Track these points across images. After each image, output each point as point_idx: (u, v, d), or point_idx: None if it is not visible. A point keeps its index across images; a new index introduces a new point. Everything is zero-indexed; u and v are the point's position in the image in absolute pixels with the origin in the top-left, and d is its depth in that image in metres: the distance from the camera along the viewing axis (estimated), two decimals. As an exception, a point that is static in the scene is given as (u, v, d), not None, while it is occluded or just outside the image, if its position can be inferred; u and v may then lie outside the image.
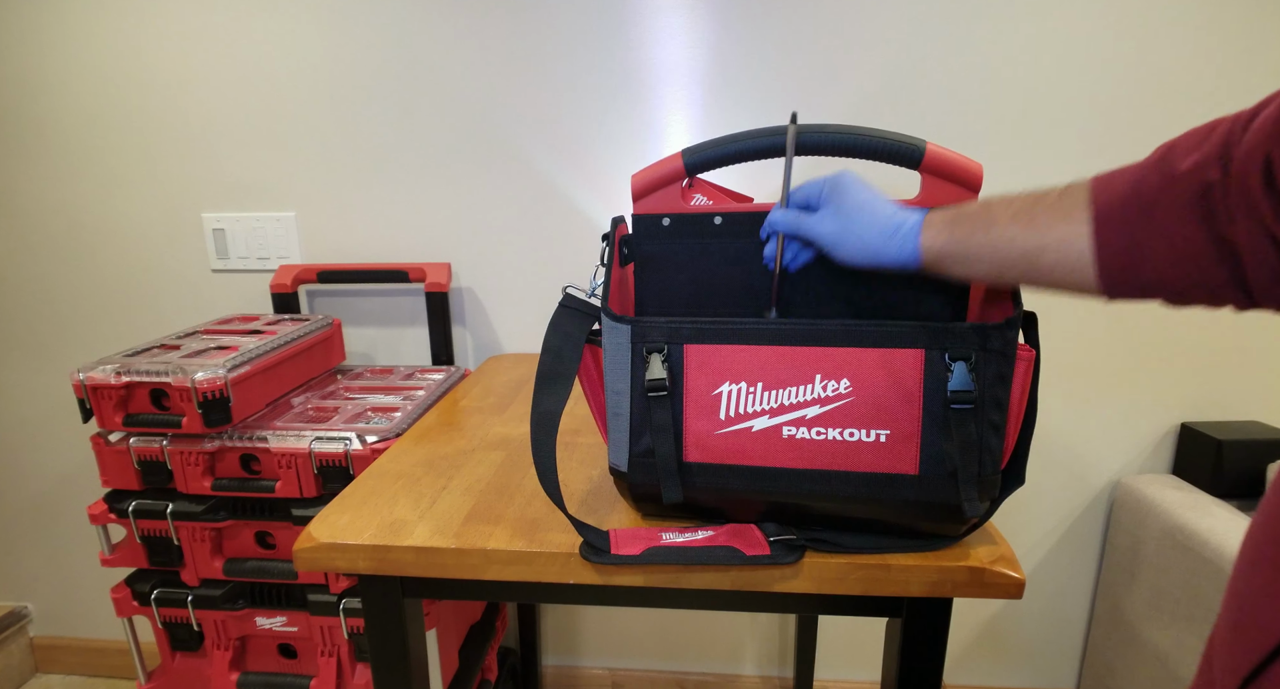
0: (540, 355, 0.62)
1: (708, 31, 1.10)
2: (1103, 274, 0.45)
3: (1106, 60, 1.05)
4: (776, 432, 0.58)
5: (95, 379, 0.89)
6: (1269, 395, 1.17)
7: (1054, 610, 1.32)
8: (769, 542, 0.60)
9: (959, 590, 0.59)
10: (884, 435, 0.56)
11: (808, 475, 0.58)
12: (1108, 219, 0.45)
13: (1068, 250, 0.46)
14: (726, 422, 0.58)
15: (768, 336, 0.57)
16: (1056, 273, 0.47)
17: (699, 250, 0.65)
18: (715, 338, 0.58)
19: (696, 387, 0.59)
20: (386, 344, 1.30)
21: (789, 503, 0.60)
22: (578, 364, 0.62)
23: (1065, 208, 0.47)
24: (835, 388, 0.56)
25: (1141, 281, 0.44)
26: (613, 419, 0.62)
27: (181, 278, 1.28)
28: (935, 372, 0.55)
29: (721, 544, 0.60)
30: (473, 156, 1.18)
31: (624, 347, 0.60)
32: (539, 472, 0.60)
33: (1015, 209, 0.49)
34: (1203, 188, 0.40)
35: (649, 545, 0.60)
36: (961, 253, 0.52)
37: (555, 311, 0.63)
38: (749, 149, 0.61)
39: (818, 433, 0.57)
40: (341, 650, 1.00)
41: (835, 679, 1.40)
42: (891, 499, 0.57)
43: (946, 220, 0.53)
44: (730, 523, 0.64)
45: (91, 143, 1.23)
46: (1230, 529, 0.99)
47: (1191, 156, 0.41)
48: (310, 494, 0.93)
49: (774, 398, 0.57)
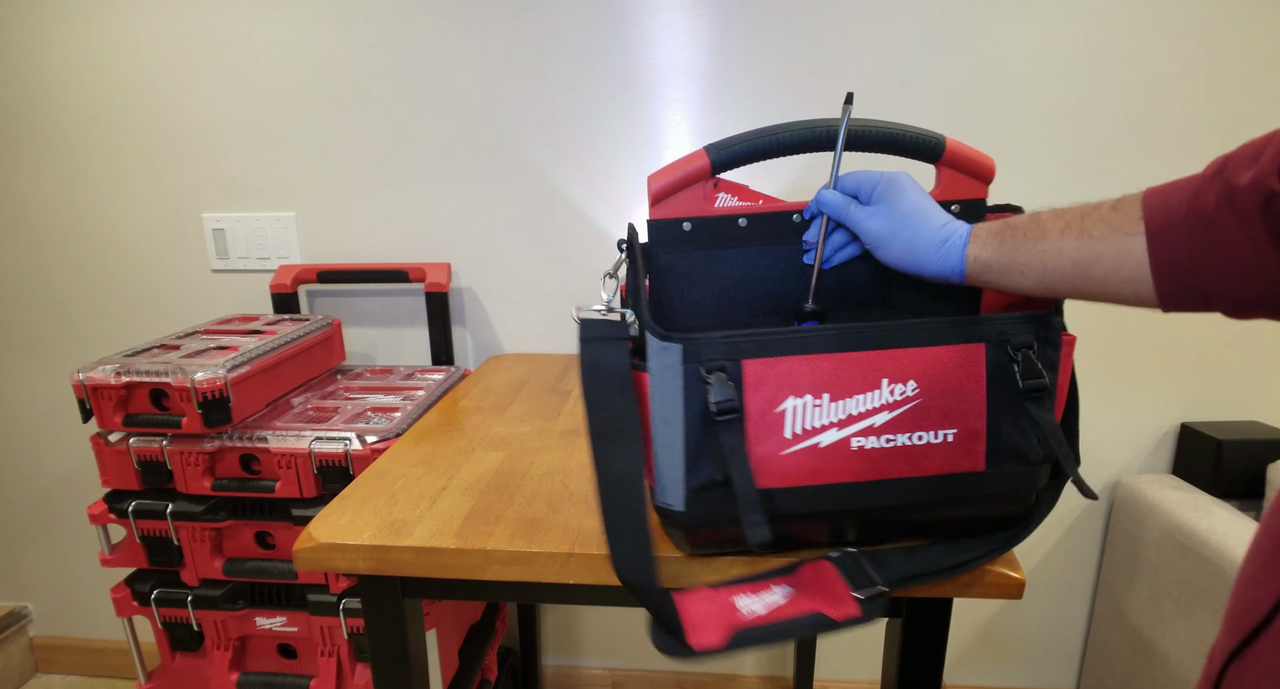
0: (586, 412, 0.54)
1: (707, 32, 1.10)
2: (1160, 286, 0.45)
3: (1107, 60, 1.05)
4: (845, 444, 0.54)
5: (95, 379, 0.89)
6: (1269, 395, 1.17)
7: (1054, 610, 1.32)
8: (859, 601, 0.54)
9: (959, 590, 0.59)
10: (951, 435, 0.54)
11: (878, 487, 0.55)
12: (1165, 231, 0.44)
13: (1123, 262, 0.46)
14: (792, 440, 0.53)
15: (832, 343, 0.53)
16: (1111, 285, 0.47)
17: (724, 256, 0.61)
18: (776, 350, 0.53)
19: (757, 405, 0.53)
20: (386, 344, 1.30)
21: (855, 518, 0.57)
22: (637, 409, 0.54)
23: (1119, 220, 0.46)
24: (903, 391, 0.53)
25: (1202, 294, 0.44)
26: (661, 452, 0.54)
27: (181, 278, 1.28)
28: (997, 364, 0.54)
29: (805, 608, 0.54)
30: (473, 156, 1.18)
31: (674, 368, 0.53)
32: (615, 555, 0.52)
33: (1066, 221, 0.49)
34: (1265, 199, 0.40)
35: (730, 626, 0.53)
36: (1009, 265, 0.52)
37: (581, 353, 0.55)
38: (784, 143, 0.58)
39: (887, 440, 0.54)
40: (341, 650, 1.00)
41: (835, 679, 1.40)
42: (961, 498, 0.55)
43: (993, 233, 0.53)
44: (799, 561, 0.58)
45: (92, 143, 1.23)
46: (1230, 529, 0.99)
47: (1250, 169, 0.41)
48: (310, 494, 0.93)
49: (841, 409, 0.53)
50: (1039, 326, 0.55)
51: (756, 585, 0.57)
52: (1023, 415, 0.54)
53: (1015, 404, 0.54)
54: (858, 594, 0.54)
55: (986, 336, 0.54)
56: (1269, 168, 0.40)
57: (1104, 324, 1.16)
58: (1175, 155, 1.08)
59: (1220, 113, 1.06)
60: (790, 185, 1.14)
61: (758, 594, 0.56)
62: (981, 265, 0.53)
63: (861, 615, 0.53)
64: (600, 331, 0.55)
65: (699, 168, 0.59)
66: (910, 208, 0.56)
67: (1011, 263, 0.51)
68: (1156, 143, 1.08)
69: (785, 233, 0.62)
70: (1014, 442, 0.55)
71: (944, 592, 0.59)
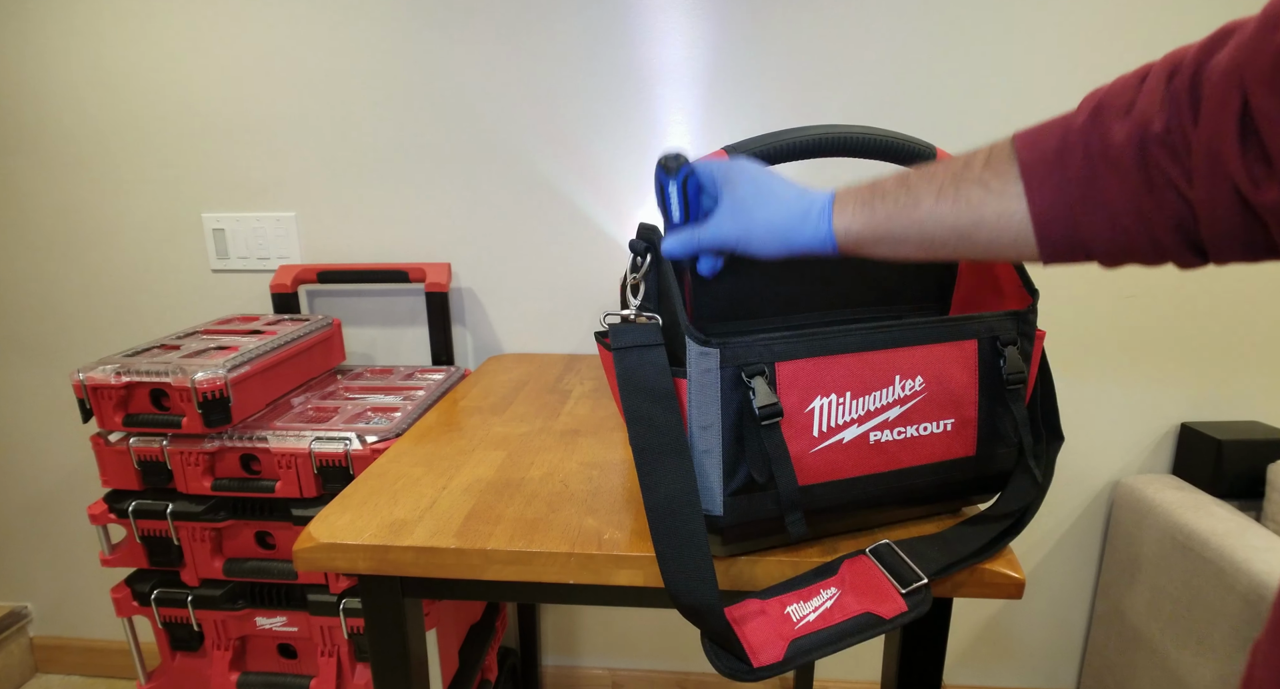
0: (628, 424, 0.53)
1: (707, 31, 1.10)
2: (1042, 245, 0.44)
3: (1106, 63, 1.05)
4: (864, 439, 0.57)
5: (95, 379, 0.89)
6: (1269, 395, 1.17)
7: (1054, 610, 1.32)
8: (903, 595, 0.54)
9: (959, 590, 0.59)
10: (949, 424, 0.59)
11: (890, 476, 0.59)
12: (1042, 189, 0.42)
13: (1004, 226, 0.44)
14: (820, 438, 0.56)
15: (855, 344, 0.56)
16: (994, 247, 0.46)
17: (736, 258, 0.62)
18: (808, 350, 0.55)
19: (789, 405, 0.55)
20: (386, 344, 1.30)
21: (870, 506, 0.60)
22: (680, 421, 0.53)
23: (996, 181, 0.44)
24: (912, 386, 0.57)
25: (1083, 247, 0.43)
26: (700, 458, 0.55)
27: (181, 278, 1.28)
28: (986, 358, 0.59)
29: (854, 609, 0.54)
30: (473, 156, 1.18)
31: (712, 372, 0.53)
32: (671, 580, 0.50)
33: (939, 184, 0.46)
34: (1141, 150, 0.38)
35: (786, 639, 0.53)
36: (884, 234, 0.49)
37: (617, 365, 0.53)
38: (800, 146, 0.58)
39: (898, 432, 0.58)
40: (341, 650, 1.00)
41: (835, 679, 1.40)
42: (952, 482, 0.61)
43: (861, 200, 0.49)
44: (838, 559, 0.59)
45: (92, 143, 1.23)
46: (1230, 529, 0.99)
47: (1124, 121, 0.39)
48: (310, 494, 0.93)
49: (861, 405, 0.56)
50: (1020, 323, 0.61)
51: (805, 592, 0.56)
52: (1005, 405, 0.60)
53: (1000, 394, 0.60)
54: (902, 589, 0.55)
55: (978, 334, 0.59)
56: (1150, 111, 0.38)
57: (1104, 324, 1.16)
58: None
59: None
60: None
61: (808, 600, 0.56)
62: (854, 238, 0.50)
63: (908, 610, 0.53)
64: (635, 339, 0.54)
65: None
66: (754, 190, 0.52)
67: (886, 233, 0.49)
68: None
69: None
70: (999, 427, 0.61)
71: (944, 591, 0.59)
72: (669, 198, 0.56)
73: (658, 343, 0.54)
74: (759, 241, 0.52)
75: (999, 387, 0.60)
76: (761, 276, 0.64)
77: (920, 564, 0.56)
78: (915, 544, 0.59)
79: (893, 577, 0.56)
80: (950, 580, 0.58)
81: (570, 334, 1.26)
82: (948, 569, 0.57)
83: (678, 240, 0.55)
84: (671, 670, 1.42)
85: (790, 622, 0.54)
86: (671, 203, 0.56)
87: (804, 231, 0.51)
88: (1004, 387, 0.60)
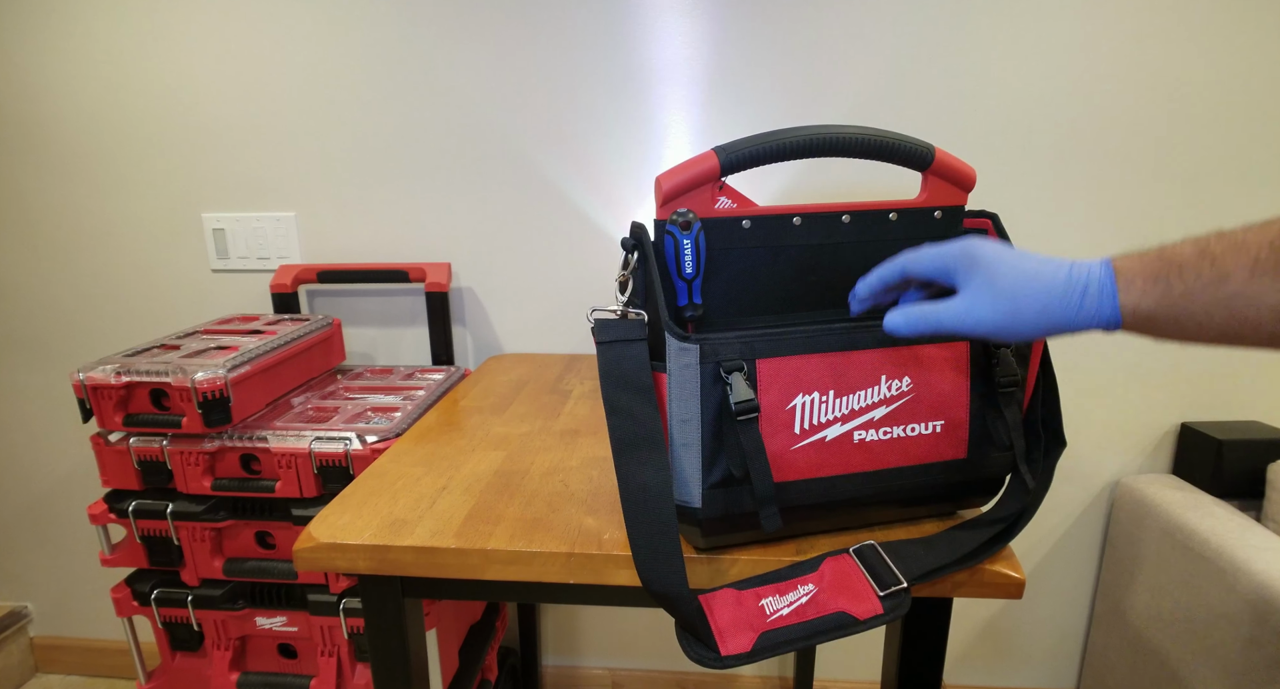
0: (608, 416, 0.54)
1: (708, 32, 1.10)
2: None
3: (1105, 65, 1.05)
4: (848, 438, 0.57)
5: (95, 379, 0.89)
6: (1269, 395, 1.17)
7: (1054, 610, 1.32)
8: (880, 597, 0.54)
9: (959, 590, 0.59)
10: (939, 426, 0.59)
11: (875, 476, 0.59)
12: None
13: None
14: (801, 435, 0.56)
15: (839, 343, 0.56)
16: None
17: (736, 255, 0.61)
18: (790, 349, 0.56)
19: (770, 402, 0.56)
20: (386, 344, 1.30)
21: (853, 506, 0.60)
22: (658, 415, 0.54)
23: None
24: (899, 386, 0.58)
25: None
26: (679, 450, 0.56)
27: (181, 278, 1.28)
28: (978, 360, 0.59)
29: (829, 607, 0.54)
30: (473, 156, 1.18)
31: (692, 368, 0.54)
32: (643, 567, 0.51)
33: (1252, 255, 0.40)
34: None
35: (757, 631, 0.53)
36: (1183, 315, 0.42)
37: (599, 356, 0.55)
38: (791, 147, 0.57)
39: (884, 432, 0.58)
40: (341, 650, 1.00)
41: (835, 679, 1.40)
42: (943, 484, 0.61)
43: (1151, 274, 0.43)
44: (821, 556, 0.59)
45: (92, 143, 1.23)
46: (1230, 529, 0.99)
47: None
48: (310, 494, 0.93)
49: (845, 404, 0.57)
50: None
51: (782, 585, 0.57)
52: (997, 408, 0.60)
53: (992, 397, 0.60)
54: (880, 592, 0.55)
55: None
56: None
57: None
58: (1165, 163, 1.08)
59: (1206, 123, 1.06)
60: (783, 190, 1.14)
61: (784, 594, 0.56)
62: (1143, 318, 0.43)
63: (884, 612, 0.54)
64: (618, 334, 0.55)
65: (708, 169, 0.59)
66: (1014, 273, 0.47)
67: (1185, 313, 0.42)
68: (1154, 148, 1.08)
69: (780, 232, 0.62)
70: (991, 430, 0.61)
71: (944, 591, 0.59)
72: (683, 252, 0.56)
73: (640, 338, 0.56)
74: (1028, 326, 0.47)
75: (991, 390, 0.60)
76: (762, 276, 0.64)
77: (904, 567, 0.56)
78: (902, 546, 0.59)
79: (872, 578, 0.56)
80: (950, 580, 0.58)
81: (570, 334, 1.26)
82: (932, 573, 0.57)
83: (906, 320, 0.51)
84: (671, 670, 1.42)
85: (763, 614, 0.55)
86: (685, 257, 0.57)
87: (1082, 313, 0.45)
88: (996, 390, 0.59)
